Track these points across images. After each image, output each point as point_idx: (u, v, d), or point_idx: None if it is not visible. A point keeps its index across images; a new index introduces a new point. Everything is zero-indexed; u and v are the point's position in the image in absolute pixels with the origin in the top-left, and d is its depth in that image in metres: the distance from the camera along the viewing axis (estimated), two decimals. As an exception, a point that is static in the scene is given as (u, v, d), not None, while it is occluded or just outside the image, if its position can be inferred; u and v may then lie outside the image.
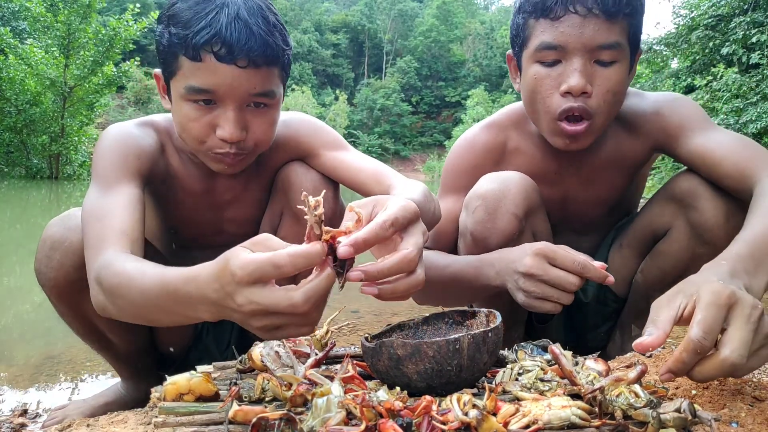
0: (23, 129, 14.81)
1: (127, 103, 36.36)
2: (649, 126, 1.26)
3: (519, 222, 1.13)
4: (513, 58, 1.25)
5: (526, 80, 1.17)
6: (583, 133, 1.12)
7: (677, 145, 1.21)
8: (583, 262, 0.96)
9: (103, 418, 0.95)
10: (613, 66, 1.09)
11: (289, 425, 0.66)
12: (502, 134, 1.34)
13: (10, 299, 2.96)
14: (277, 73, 1.08)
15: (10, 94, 14.33)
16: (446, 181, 1.37)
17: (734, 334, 0.70)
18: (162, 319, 0.84)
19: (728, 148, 1.11)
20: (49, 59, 14.53)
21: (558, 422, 0.70)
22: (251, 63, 0.99)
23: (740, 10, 11.10)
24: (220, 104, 1.04)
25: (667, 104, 1.24)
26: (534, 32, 1.13)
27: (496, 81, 55.57)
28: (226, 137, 1.04)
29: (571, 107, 1.09)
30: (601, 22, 1.06)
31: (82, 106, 15.72)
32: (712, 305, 0.71)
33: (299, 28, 56.92)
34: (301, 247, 0.64)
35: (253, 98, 1.05)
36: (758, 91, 9.80)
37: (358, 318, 2.52)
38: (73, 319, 1.17)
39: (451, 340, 0.77)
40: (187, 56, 0.99)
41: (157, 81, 1.16)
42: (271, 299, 0.63)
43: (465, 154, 1.35)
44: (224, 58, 0.98)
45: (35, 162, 15.27)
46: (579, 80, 1.07)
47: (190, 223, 1.31)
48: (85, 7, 14.61)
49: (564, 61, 1.10)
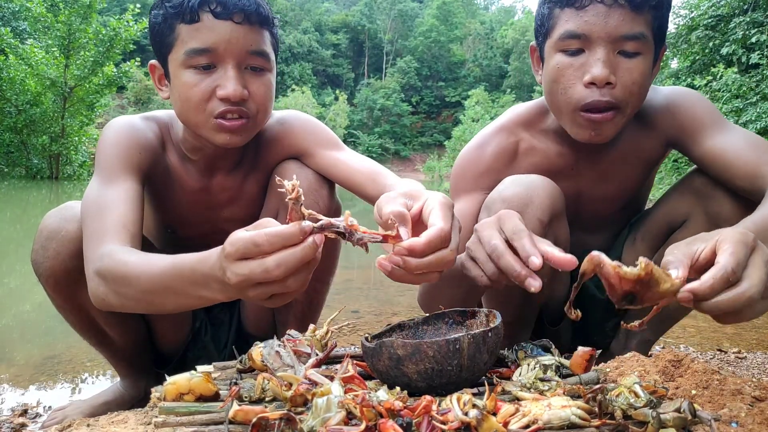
0: (23, 129, 14.81)
1: (127, 104, 36.36)
2: (663, 121, 1.25)
3: (543, 228, 1.10)
4: (536, 49, 1.24)
5: (548, 70, 1.15)
6: (609, 122, 1.10)
7: (691, 144, 1.21)
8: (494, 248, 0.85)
9: (103, 418, 0.95)
10: (637, 58, 1.08)
11: (289, 425, 0.66)
12: (513, 136, 1.33)
13: (10, 299, 2.96)
14: (269, 39, 1.13)
15: (11, 94, 14.34)
16: (458, 184, 1.35)
17: (754, 272, 0.72)
18: (170, 302, 0.86)
19: (739, 150, 1.11)
20: (49, 59, 14.54)
21: (558, 422, 0.70)
22: (246, 19, 1.06)
23: (740, 10, 11.11)
24: (219, 66, 1.07)
25: (681, 100, 1.23)
26: (559, 21, 1.12)
27: (496, 81, 55.51)
28: (229, 94, 1.06)
29: (598, 101, 1.07)
30: (626, 12, 1.05)
31: (83, 106, 15.73)
32: (740, 243, 0.73)
33: (299, 28, 56.90)
34: (279, 228, 0.69)
35: (250, 57, 1.09)
36: (758, 91, 9.80)
37: (358, 318, 2.52)
38: (70, 311, 1.17)
39: (451, 340, 0.77)
40: (185, 21, 1.05)
41: (153, 72, 1.18)
42: (248, 269, 0.69)
43: (476, 157, 1.33)
44: (221, 14, 1.04)
45: (35, 162, 15.28)
46: (603, 70, 1.05)
47: (188, 222, 1.31)
48: (85, 7, 14.63)
49: (587, 50, 1.08)
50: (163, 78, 1.16)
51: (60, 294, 1.14)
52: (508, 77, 52.85)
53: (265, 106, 1.14)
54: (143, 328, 1.28)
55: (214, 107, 1.08)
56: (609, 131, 1.13)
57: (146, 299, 0.88)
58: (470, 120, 32.67)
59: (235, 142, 1.13)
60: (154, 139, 1.21)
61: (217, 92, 1.07)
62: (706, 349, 2.11)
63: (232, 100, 1.07)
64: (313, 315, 1.37)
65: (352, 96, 56.24)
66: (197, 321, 1.37)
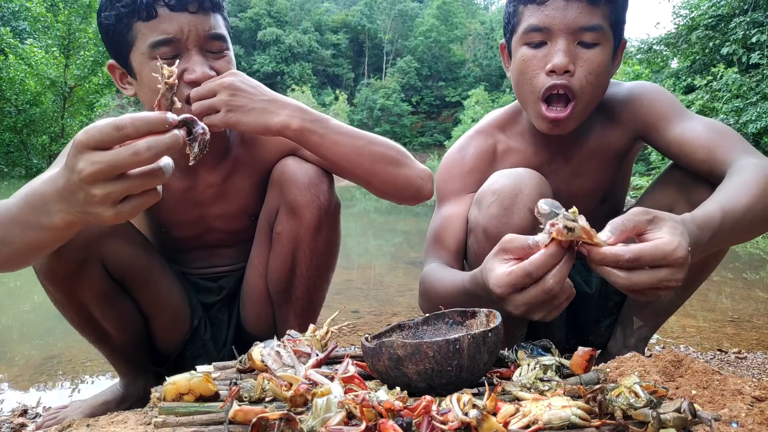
0: (23, 129, 14.82)
1: (127, 104, 36.33)
2: (627, 114, 1.30)
3: (534, 218, 1.13)
4: (505, 46, 1.30)
5: (515, 64, 1.22)
6: (566, 118, 1.16)
7: (656, 135, 1.25)
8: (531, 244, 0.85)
9: (103, 418, 0.96)
10: (595, 48, 1.15)
11: (289, 425, 0.66)
12: (491, 138, 1.38)
13: (10, 299, 2.96)
14: (222, 22, 1.17)
15: (11, 94, 14.35)
16: (442, 187, 1.39)
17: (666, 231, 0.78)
18: (16, 235, 0.82)
19: (701, 137, 1.16)
20: (49, 59, 14.55)
21: (558, 422, 0.70)
22: (200, 8, 1.11)
23: (740, 10, 11.11)
24: (183, 54, 1.11)
25: (644, 93, 1.28)
26: (523, 17, 1.19)
27: (496, 81, 55.50)
28: (198, 77, 1.10)
29: (554, 84, 1.15)
30: (583, 5, 1.13)
31: (83, 106, 15.74)
32: (671, 229, 0.78)
33: (299, 28, 56.85)
34: (144, 113, 0.68)
35: (209, 42, 1.13)
36: (758, 91, 9.80)
37: (358, 318, 2.52)
38: (68, 306, 1.17)
39: (451, 340, 0.77)
40: (142, 18, 1.08)
41: (113, 72, 1.21)
42: (113, 154, 0.66)
43: (458, 161, 1.38)
44: (176, 6, 1.09)
45: (35, 162, 15.29)
46: (562, 59, 1.13)
47: (178, 221, 1.32)
48: (85, 7, 14.64)
49: (549, 42, 1.16)
50: (125, 76, 1.19)
51: (57, 288, 1.13)
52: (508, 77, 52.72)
53: None
54: (141, 324, 1.28)
55: (183, 92, 1.11)
56: (567, 124, 1.19)
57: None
58: (470, 120, 32.65)
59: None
60: None
61: (184, 77, 1.10)
62: (706, 349, 2.11)
63: (200, 83, 1.10)
64: (313, 313, 1.37)
65: (352, 96, 56.23)
66: (195, 318, 1.37)
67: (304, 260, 1.27)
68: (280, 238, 1.27)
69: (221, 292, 1.42)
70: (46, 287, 1.14)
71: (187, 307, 1.36)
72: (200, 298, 1.41)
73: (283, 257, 1.28)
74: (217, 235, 1.38)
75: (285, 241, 1.26)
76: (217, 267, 1.42)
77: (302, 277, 1.29)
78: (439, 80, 59.24)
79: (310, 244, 1.25)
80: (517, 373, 0.87)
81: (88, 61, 14.95)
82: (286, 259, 1.27)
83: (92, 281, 1.13)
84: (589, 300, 1.46)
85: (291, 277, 1.30)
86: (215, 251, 1.41)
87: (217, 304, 1.43)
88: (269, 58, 52.16)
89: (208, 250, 1.40)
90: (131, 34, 1.10)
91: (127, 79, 1.19)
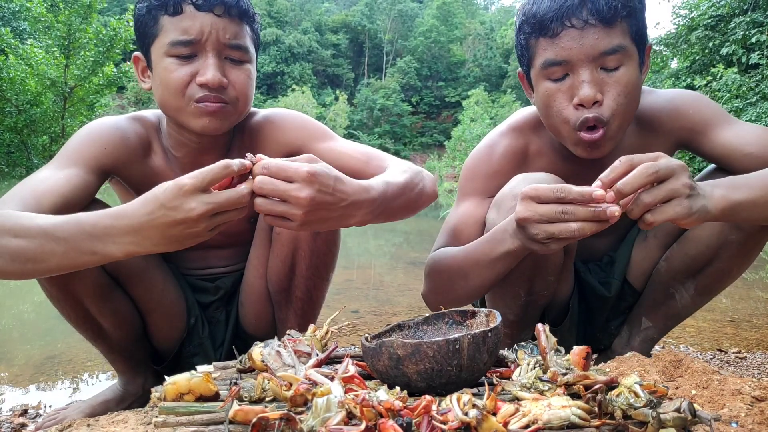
0: (24, 129, 14.81)
1: (127, 104, 36.35)
2: (670, 124, 1.26)
3: None
4: (524, 75, 1.25)
5: (539, 97, 1.18)
6: (600, 140, 1.12)
7: (703, 141, 1.23)
8: (560, 187, 0.90)
9: (103, 418, 0.96)
10: (620, 70, 1.09)
11: (289, 425, 0.66)
12: (523, 138, 1.33)
13: (10, 299, 2.96)
14: (249, 33, 1.18)
15: (11, 95, 14.34)
16: (466, 184, 1.35)
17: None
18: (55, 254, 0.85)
19: (752, 142, 1.14)
20: (49, 59, 14.55)
21: (558, 422, 0.70)
22: (226, 12, 1.12)
23: (740, 10, 11.10)
24: (200, 55, 1.12)
25: (684, 102, 1.25)
26: (537, 51, 1.14)
27: (496, 81, 55.47)
28: (207, 80, 1.10)
29: (586, 118, 1.10)
30: (599, 30, 1.06)
31: (83, 106, 15.74)
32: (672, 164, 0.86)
33: (299, 29, 56.81)
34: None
35: (228, 49, 1.13)
36: (758, 91, 9.79)
37: (358, 318, 2.53)
38: (65, 302, 1.16)
39: (451, 340, 0.77)
40: (168, 13, 1.10)
41: (136, 64, 1.22)
42: (226, 195, 0.83)
43: (485, 158, 1.33)
44: (202, 6, 1.10)
45: (36, 162, 15.26)
46: (588, 91, 1.08)
47: None
48: (85, 7, 14.63)
49: (572, 73, 1.10)
50: (146, 69, 1.20)
51: (54, 284, 1.13)
52: (508, 77, 52.76)
53: (246, 93, 1.17)
54: (138, 321, 1.28)
55: (193, 92, 1.12)
56: (604, 147, 1.15)
57: (28, 250, 0.85)
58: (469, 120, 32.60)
59: (215, 127, 1.15)
60: (135, 139, 1.23)
61: (196, 78, 1.11)
62: (706, 349, 2.11)
63: (210, 86, 1.11)
64: (312, 312, 1.37)
65: (352, 96, 56.19)
66: (192, 316, 1.37)
67: (303, 260, 1.27)
68: (279, 238, 1.27)
69: (218, 293, 1.42)
70: (41, 283, 1.14)
71: (183, 304, 1.35)
72: (197, 297, 1.41)
73: (283, 257, 1.28)
74: (215, 237, 1.38)
75: (285, 241, 1.26)
76: (214, 268, 1.42)
77: (302, 277, 1.29)
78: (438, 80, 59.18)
79: (310, 244, 1.25)
80: (517, 373, 0.87)
81: (89, 62, 14.94)
82: (286, 258, 1.27)
83: (86, 276, 1.12)
84: (605, 303, 1.44)
85: (291, 277, 1.30)
86: (212, 253, 1.41)
87: (215, 304, 1.43)
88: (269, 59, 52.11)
89: (205, 252, 1.40)
90: (157, 27, 1.13)
91: (147, 73, 1.20)
